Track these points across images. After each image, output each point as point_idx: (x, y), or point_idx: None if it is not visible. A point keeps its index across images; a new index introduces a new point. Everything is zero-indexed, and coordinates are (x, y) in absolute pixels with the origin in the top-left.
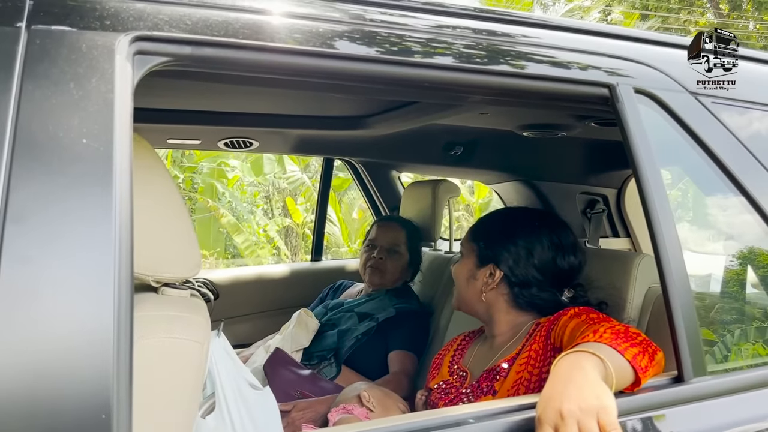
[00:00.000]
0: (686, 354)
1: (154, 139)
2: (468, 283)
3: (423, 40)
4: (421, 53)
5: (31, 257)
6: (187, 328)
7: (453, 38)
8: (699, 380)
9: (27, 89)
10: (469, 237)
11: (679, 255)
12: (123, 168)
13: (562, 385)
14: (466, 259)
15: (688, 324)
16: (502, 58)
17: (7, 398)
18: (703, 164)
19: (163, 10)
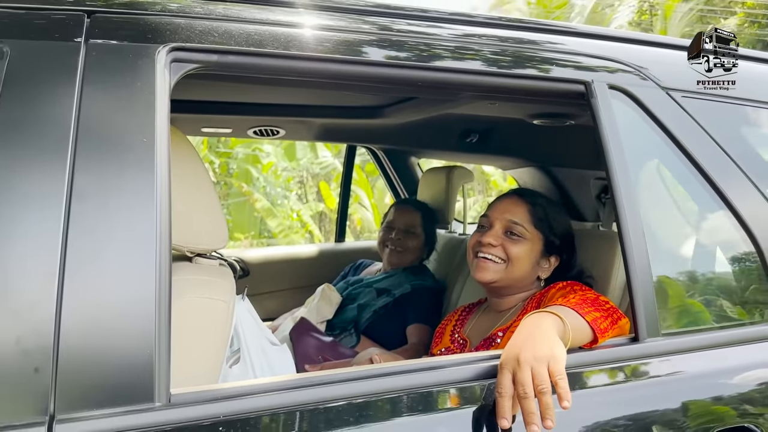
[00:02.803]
0: (642, 317)
1: (189, 128)
2: (530, 267)
3: (415, 44)
4: (413, 56)
5: (92, 228)
6: (215, 290)
7: (445, 43)
8: (653, 340)
9: (86, 93)
10: (533, 223)
11: (640, 234)
12: (162, 156)
13: (522, 339)
14: (531, 245)
15: (644, 292)
16: (487, 59)
17: (80, 339)
18: (672, 156)
19: (195, 25)
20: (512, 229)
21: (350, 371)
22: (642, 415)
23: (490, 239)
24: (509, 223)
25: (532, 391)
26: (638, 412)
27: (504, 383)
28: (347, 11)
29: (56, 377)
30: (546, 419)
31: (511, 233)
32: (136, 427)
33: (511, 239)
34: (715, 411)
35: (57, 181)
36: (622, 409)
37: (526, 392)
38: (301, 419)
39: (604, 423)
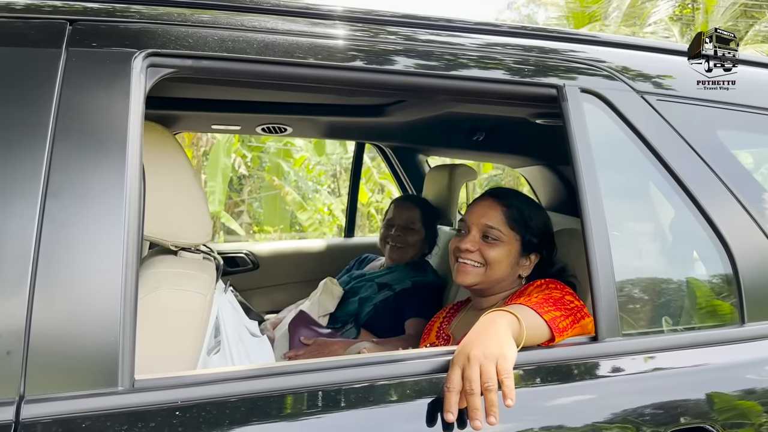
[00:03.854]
0: (602, 317)
1: (199, 125)
2: (509, 268)
3: (391, 49)
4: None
5: (65, 222)
6: (192, 282)
7: (419, 47)
8: (612, 340)
9: (65, 95)
10: (508, 225)
11: (604, 236)
12: (134, 156)
13: (475, 336)
14: (508, 247)
15: (605, 293)
16: (458, 63)
17: (50, 325)
18: (644, 159)
19: (171, 31)
20: (488, 233)
21: (307, 362)
22: (599, 413)
23: (468, 245)
24: (485, 228)
25: (479, 388)
26: (594, 410)
27: (453, 378)
28: (323, 17)
29: (27, 360)
30: (489, 416)
31: (487, 237)
32: (100, 409)
33: (488, 243)
34: (670, 411)
35: (34, 179)
36: (579, 407)
37: (473, 388)
38: (254, 407)
39: (561, 418)
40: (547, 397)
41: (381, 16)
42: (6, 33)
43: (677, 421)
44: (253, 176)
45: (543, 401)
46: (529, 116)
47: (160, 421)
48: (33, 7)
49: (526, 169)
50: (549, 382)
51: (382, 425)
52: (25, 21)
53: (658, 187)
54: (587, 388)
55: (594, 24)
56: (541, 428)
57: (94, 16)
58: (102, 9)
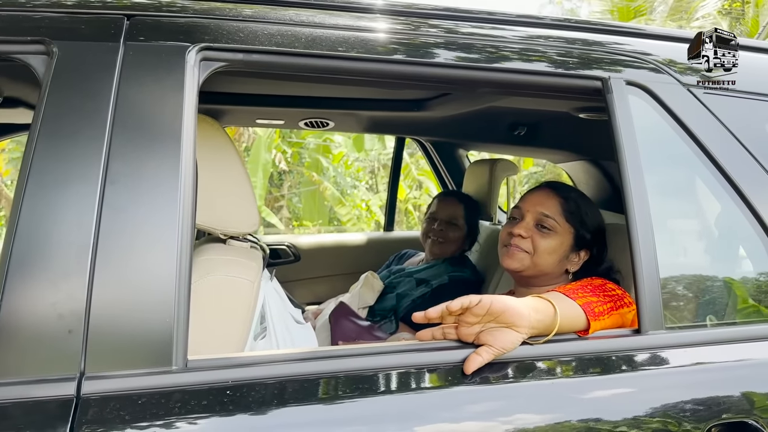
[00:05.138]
0: (645, 309)
1: (245, 120)
2: (558, 260)
3: (432, 42)
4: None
5: (123, 208)
6: (242, 269)
7: (460, 39)
8: (655, 333)
9: (123, 88)
10: (564, 216)
11: (649, 232)
12: (188, 146)
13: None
14: (560, 238)
15: (649, 285)
16: (504, 56)
17: (109, 306)
18: (690, 152)
19: (222, 26)
20: (543, 221)
21: (349, 348)
22: (640, 407)
23: (521, 231)
24: (540, 216)
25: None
26: (635, 403)
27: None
28: (365, 11)
29: (87, 339)
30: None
31: (541, 226)
32: (154, 387)
33: (542, 232)
34: (713, 406)
35: (94, 166)
36: (618, 400)
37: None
38: (300, 389)
39: (599, 411)
40: (585, 389)
41: (422, 9)
42: (68, 28)
43: (719, 416)
44: (293, 172)
45: (582, 393)
46: (572, 110)
47: (211, 400)
48: (93, 3)
49: (568, 165)
50: (588, 373)
51: (418, 412)
52: (85, 16)
53: (704, 182)
54: (628, 380)
55: (639, 18)
56: (578, 420)
57: (149, 11)
58: (157, 4)
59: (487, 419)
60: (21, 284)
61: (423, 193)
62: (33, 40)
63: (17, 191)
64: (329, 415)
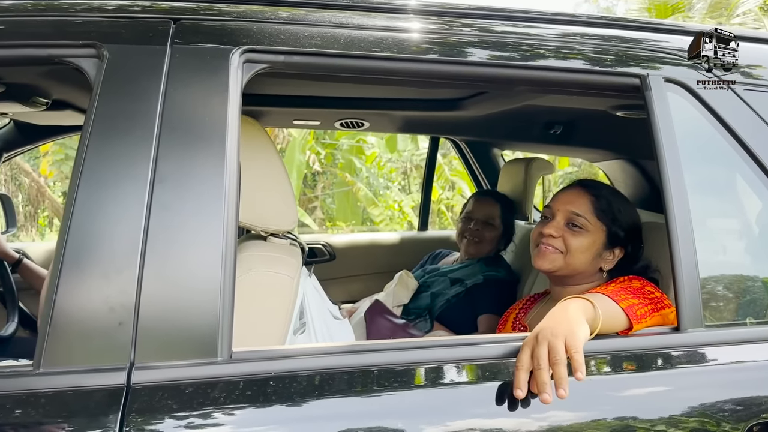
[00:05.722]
0: (685, 307)
1: (282, 121)
2: (591, 259)
3: (466, 41)
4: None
5: (170, 206)
6: (282, 265)
7: (494, 38)
8: (694, 331)
9: (170, 90)
10: (595, 214)
11: (688, 231)
12: (232, 146)
13: (546, 320)
14: (592, 236)
15: (688, 284)
16: (540, 54)
17: (157, 299)
18: (731, 150)
19: (264, 28)
20: (574, 220)
21: (387, 342)
22: (677, 405)
23: (551, 230)
24: (571, 215)
25: (546, 364)
26: (672, 401)
27: (522, 358)
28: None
29: (136, 331)
30: (559, 388)
31: (572, 225)
32: (200, 377)
33: (572, 231)
34: (752, 406)
35: (143, 165)
36: (656, 397)
37: (540, 364)
38: (340, 381)
39: (636, 409)
40: (623, 386)
41: (456, 9)
42: (118, 32)
43: (758, 415)
44: (327, 173)
45: (619, 390)
46: (609, 108)
47: (255, 390)
48: (141, 7)
49: (605, 164)
50: (626, 370)
51: (453, 406)
52: (134, 20)
53: (745, 181)
54: (666, 378)
55: (677, 15)
56: (614, 418)
57: (195, 14)
58: (202, 8)
59: (522, 416)
60: (74, 278)
61: (456, 193)
62: (84, 44)
63: (70, 190)
64: (366, 408)
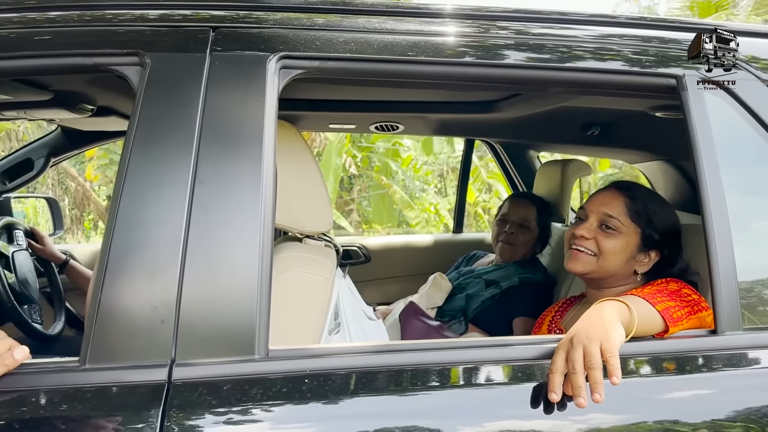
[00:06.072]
0: (722, 310)
1: (318, 125)
2: (624, 261)
3: (502, 43)
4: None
5: (210, 207)
6: (316, 266)
7: (530, 40)
8: (732, 333)
9: (209, 95)
10: (629, 216)
11: (726, 233)
12: (269, 149)
13: (581, 323)
14: (625, 238)
15: (726, 286)
16: (577, 56)
17: (197, 298)
18: None
19: (300, 35)
20: (607, 222)
21: (422, 342)
22: (719, 409)
23: (583, 231)
24: (604, 216)
25: (581, 368)
26: (714, 405)
27: (557, 361)
28: (434, 15)
29: (177, 329)
30: (594, 393)
31: (605, 226)
32: (238, 374)
33: (605, 232)
34: None
35: (184, 168)
36: (696, 401)
37: (575, 368)
38: (374, 380)
39: (677, 413)
40: (661, 389)
41: (491, 12)
42: (159, 40)
43: None
44: (363, 176)
45: (657, 393)
46: (647, 109)
47: (291, 387)
48: (181, 16)
49: (644, 165)
50: (664, 373)
51: (488, 407)
52: (175, 29)
53: None
54: (705, 381)
55: (720, 14)
56: (654, 422)
57: (233, 22)
58: (240, 16)
59: (559, 417)
60: (118, 277)
61: (492, 196)
62: (128, 53)
63: (115, 192)
64: (400, 407)
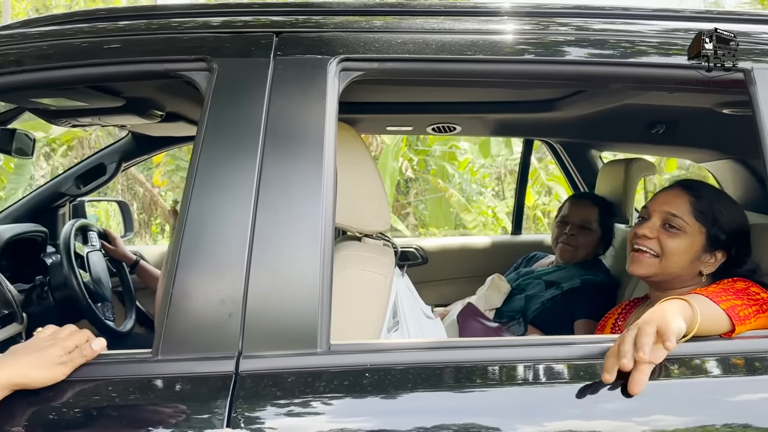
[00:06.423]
0: None
1: (375, 127)
2: (689, 262)
3: (562, 40)
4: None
5: (274, 207)
6: (375, 265)
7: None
8: None
9: (273, 98)
10: (694, 215)
11: None
12: (329, 151)
13: (640, 318)
14: (690, 238)
15: None
16: (640, 51)
17: (263, 293)
18: None
19: (359, 37)
20: (670, 221)
21: (481, 340)
22: None
23: (646, 231)
24: (667, 215)
25: (632, 340)
26: None
27: (612, 347)
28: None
29: (244, 322)
30: (639, 351)
31: (669, 225)
32: (301, 367)
33: (669, 232)
34: None
35: (249, 170)
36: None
37: (624, 339)
38: (432, 375)
39: (748, 416)
40: (730, 390)
41: (551, 8)
42: (226, 46)
43: None
44: (419, 179)
45: (726, 395)
46: (714, 105)
47: (352, 381)
48: (243, 22)
49: (712, 164)
50: (732, 374)
51: (548, 406)
52: (239, 35)
53: None
54: None
55: None
56: (723, 425)
57: (295, 27)
58: (301, 21)
59: (622, 418)
60: (189, 273)
61: (552, 199)
62: (196, 58)
63: (185, 192)
64: (459, 404)
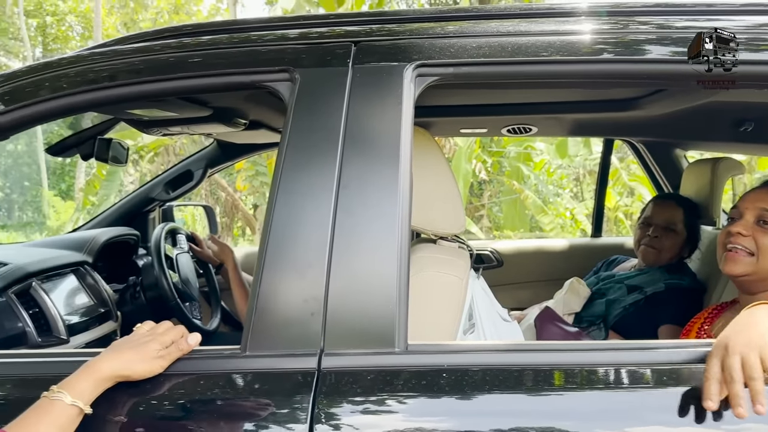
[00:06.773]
0: None
1: (449, 130)
2: None
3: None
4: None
5: (353, 210)
6: (451, 267)
7: (673, 34)
8: None
9: (352, 105)
10: None
11: None
12: (405, 155)
13: (734, 328)
14: None
15: None
16: None
17: (342, 292)
18: None
19: (434, 43)
20: (765, 217)
21: (560, 343)
22: None
23: (740, 228)
24: (761, 211)
25: (740, 376)
26: None
27: (711, 368)
28: (569, 15)
29: (326, 321)
30: (756, 404)
31: (763, 222)
32: (380, 365)
33: (764, 228)
34: None
35: (330, 174)
36: None
37: (733, 377)
38: (509, 377)
39: None
40: None
41: (629, 7)
42: (307, 56)
43: None
44: (493, 181)
45: None
46: None
47: (429, 380)
48: (319, 33)
49: None
50: None
51: (631, 411)
52: (319, 45)
53: None
54: None
55: None
56: None
57: (372, 36)
58: (376, 30)
59: (710, 426)
60: (274, 274)
61: (635, 200)
62: (279, 69)
63: (270, 196)
64: (536, 407)
